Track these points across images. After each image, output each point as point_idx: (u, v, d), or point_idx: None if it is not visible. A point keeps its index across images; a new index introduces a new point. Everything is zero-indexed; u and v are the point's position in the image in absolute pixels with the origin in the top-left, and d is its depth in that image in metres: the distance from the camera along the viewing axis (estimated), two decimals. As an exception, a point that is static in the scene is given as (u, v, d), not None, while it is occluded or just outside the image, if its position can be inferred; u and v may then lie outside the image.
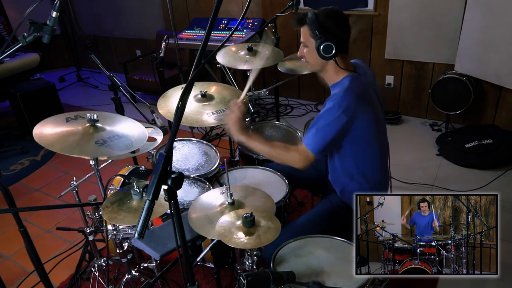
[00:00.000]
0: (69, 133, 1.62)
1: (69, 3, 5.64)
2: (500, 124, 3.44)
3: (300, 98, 4.51)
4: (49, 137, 1.58)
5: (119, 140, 1.63)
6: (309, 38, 1.65)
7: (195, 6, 4.67)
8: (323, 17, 1.61)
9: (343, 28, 1.64)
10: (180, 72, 3.70)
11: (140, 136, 1.70)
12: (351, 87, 1.62)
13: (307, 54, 1.71)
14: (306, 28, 1.65)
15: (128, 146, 1.61)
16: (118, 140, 1.63)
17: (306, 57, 1.72)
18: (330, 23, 1.60)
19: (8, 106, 4.41)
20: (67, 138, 1.59)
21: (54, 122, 1.68)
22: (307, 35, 1.65)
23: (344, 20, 1.64)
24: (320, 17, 1.61)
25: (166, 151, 0.97)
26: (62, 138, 1.59)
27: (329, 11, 1.63)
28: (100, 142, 1.59)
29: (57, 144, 1.55)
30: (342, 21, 1.64)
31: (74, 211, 2.96)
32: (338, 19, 1.63)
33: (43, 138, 1.55)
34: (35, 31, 1.40)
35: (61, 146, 1.54)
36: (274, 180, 2.04)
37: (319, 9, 1.64)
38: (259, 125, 2.61)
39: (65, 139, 1.58)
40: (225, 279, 2.20)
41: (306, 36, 1.66)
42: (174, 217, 1.03)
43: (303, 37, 1.69)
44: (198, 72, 0.99)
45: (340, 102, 1.59)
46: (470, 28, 3.21)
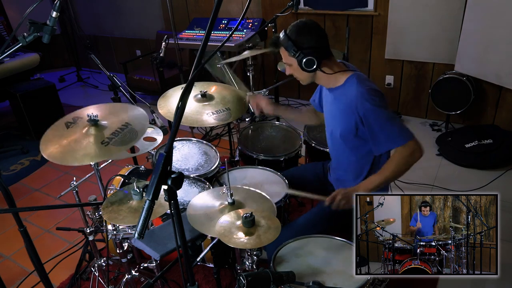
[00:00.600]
0: (74, 141, 1.60)
1: (69, 3, 5.64)
2: (500, 124, 3.44)
3: (300, 98, 4.51)
4: (59, 154, 1.55)
5: (123, 133, 1.62)
6: (289, 57, 1.67)
7: (195, 6, 4.68)
8: (295, 35, 1.61)
9: (317, 38, 1.63)
10: (180, 72, 3.70)
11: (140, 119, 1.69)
12: (363, 80, 1.64)
13: (294, 72, 1.73)
14: (283, 49, 1.67)
15: (132, 137, 1.60)
16: (122, 133, 1.62)
17: (294, 74, 1.75)
18: (303, 38, 1.61)
19: (8, 106, 4.41)
20: (74, 147, 1.57)
21: (56, 133, 1.65)
22: (286, 55, 1.67)
23: (315, 29, 1.64)
24: (292, 35, 1.61)
25: (166, 151, 0.97)
26: (69, 149, 1.57)
27: (298, 26, 1.63)
28: (105, 142, 1.58)
29: (68, 157, 1.54)
30: (314, 31, 1.63)
31: (74, 211, 2.96)
32: (310, 31, 1.63)
33: (54, 157, 1.53)
34: (35, 31, 1.40)
35: (71, 159, 1.53)
36: (274, 180, 2.04)
37: (289, 27, 1.64)
38: (259, 125, 2.61)
39: (72, 150, 1.56)
40: (225, 279, 2.20)
41: (286, 56, 1.68)
42: (174, 217, 1.03)
43: (284, 59, 1.71)
44: (198, 72, 0.99)
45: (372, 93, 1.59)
46: (470, 28, 3.21)
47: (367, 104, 1.58)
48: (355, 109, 1.61)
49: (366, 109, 1.58)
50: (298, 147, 2.32)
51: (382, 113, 1.58)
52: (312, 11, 3.95)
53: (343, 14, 3.82)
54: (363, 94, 1.59)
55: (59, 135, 1.64)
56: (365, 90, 1.60)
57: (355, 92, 1.61)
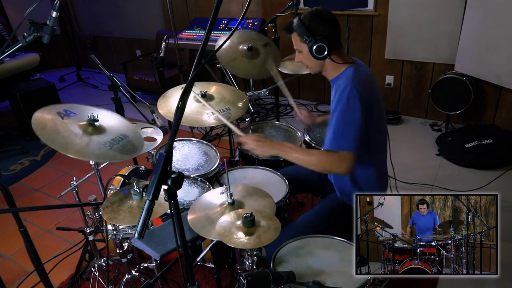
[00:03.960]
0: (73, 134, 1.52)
1: (69, 3, 5.64)
2: (500, 124, 3.44)
3: (300, 98, 4.51)
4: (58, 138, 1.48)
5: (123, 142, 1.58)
6: (300, 43, 1.67)
7: (195, 6, 4.68)
8: (308, 20, 1.62)
9: (330, 26, 1.64)
10: (180, 72, 3.70)
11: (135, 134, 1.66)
12: (356, 76, 1.63)
13: (303, 59, 1.73)
14: (295, 34, 1.67)
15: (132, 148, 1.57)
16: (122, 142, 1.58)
17: (303, 61, 1.74)
18: (316, 25, 1.62)
19: (8, 106, 4.41)
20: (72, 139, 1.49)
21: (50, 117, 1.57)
22: (298, 41, 1.67)
23: (329, 17, 1.65)
24: (306, 21, 1.62)
25: (166, 151, 0.97)
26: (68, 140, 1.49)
27: (313, 13, 1.64)
28: (109, 145, 1.52)
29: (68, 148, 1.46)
30: (328, 19, 1.65)
31: (74, 211, 2.96)
32: (324, 18, 1.64)
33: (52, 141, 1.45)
34: (35, 31, 1.40)
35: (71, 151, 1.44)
36: (274, 180, 2.04)
37: (304, 14, 1.66)
38: (259, 125, 2.61)
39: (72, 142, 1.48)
40: (225, 279, 2.20)
41: (297, 42, 1.68)
42: (174, 217, 1.03)
43: (295, 44, 1.71)
44: (198, 72, 0.99)
45: (353, 93, 1.58)
46: (470, 28, 3.21)
47: (342, 94, 1.59)
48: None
49: (338, 97, 1.60)
50: (298, 147, 2.32)
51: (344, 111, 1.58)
52: (312, 11, 3.95)
53: (343, 14, 3.82)
54: (347, 85, 1.59)
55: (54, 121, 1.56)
56: (351, 82, 1.60)
57: (344, 83, 1.62)
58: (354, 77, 1.62)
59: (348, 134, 1.58)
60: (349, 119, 1.58)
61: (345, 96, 1.57)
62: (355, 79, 1.61)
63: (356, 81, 1.60)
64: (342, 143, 1.58)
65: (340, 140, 1.58)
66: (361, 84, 1.60)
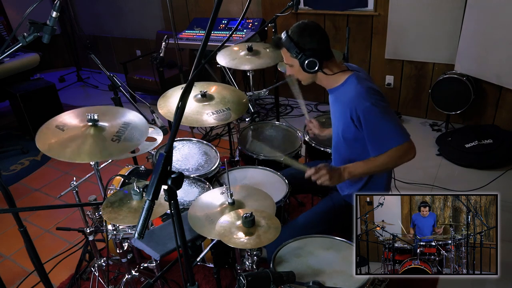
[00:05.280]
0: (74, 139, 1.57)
1: (69, 3, 5.64)
2: (500, 124, 3.44)
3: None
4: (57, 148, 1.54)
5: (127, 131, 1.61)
6: (291, 58, 1.67)
7: (195, 6, 4.67)
8: (297, 36, 1.62)
9: (319, 39, 1.64)
10: (180, 72, 3.70)
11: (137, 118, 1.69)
12: (361, 81, 1.64)
13: (295, 72, 1.73)
14: (284, 50, 1.67)
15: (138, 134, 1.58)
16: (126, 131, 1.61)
17: (295, 75, 1.75)
18: (305, 39, 1.62)
19: (8, 106, 4.41)
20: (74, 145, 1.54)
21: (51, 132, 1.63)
22: (288, 56, 1.67)
23: (317, 30, 1.64)
24: (294, 36, 1.62)
25: (166, 151, 0.97)
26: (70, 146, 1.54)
27: (300, 27, 1.64)
28: (116, 139, 1.56)
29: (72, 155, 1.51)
30: (316, 32, 1.64)
31: (74, 211, 2.96)
32: (312, 32, 1.63)
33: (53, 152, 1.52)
34: (35, 31, 1.40)
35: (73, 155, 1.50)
36: (274, 180, 2.04)
37: (291, 28, 1.65)
38: (259, 125, 2.61)
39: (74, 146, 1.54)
40: (225, 279, 2.20)
41: (288, 57, 1.68)
42: (174, 217, 1.03)
43: (285, 59, 1.71)
44: (198, 72, 0.99)
45: (372, 95, 1.59)
46: (470, 28, 3.21)
47: (365, 103, 1.57)
48: (353, 108, 1.60)
49: (364, 108, 1.58)
50: (298, 147, 2.32)
51: (379, 113, 1.58)
52: (312, 11, 3.95)
53: (343, 14, 3.82)
54: (361, 93, 1.59)
55: (55, 133, 1.62)
56: (364, 89, 1.60)
57: (354, 92, 1.61)
58: (362, 83, 1.63)
59: (398, 125, 1.60)
60: (390, 115, 1.60)
61: (369, 103, 1.57)
62: (364, 82, 1.63)
63: (366, 83, 1.63)
64: (402, 135, 1.59)
65: (400, 134, 1.59)
66: (369, 84, 1.63)
